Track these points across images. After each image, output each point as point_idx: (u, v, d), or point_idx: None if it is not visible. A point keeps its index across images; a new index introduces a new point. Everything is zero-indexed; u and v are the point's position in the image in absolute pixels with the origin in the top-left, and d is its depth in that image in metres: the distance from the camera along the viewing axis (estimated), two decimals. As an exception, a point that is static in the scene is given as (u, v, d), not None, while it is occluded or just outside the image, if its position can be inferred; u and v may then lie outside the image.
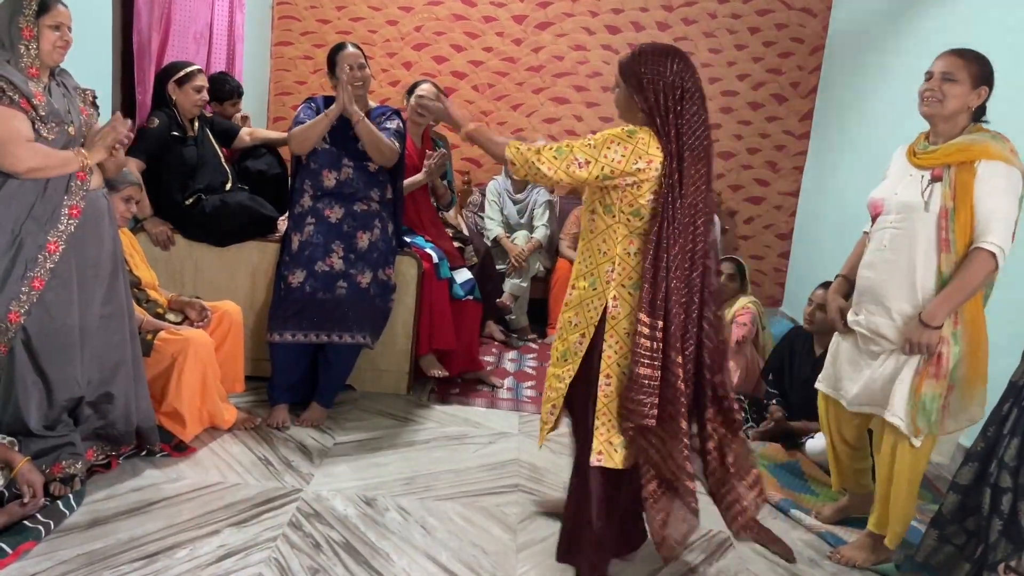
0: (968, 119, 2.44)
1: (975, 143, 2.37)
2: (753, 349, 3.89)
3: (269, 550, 2.48)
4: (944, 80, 2.41)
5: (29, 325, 2.51)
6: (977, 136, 2.39)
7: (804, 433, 3.37)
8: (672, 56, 2.21)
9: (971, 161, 2.35)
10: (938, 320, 2.37)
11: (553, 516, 2.81)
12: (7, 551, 2.28)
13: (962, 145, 2.39)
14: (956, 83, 2.40)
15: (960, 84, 2.39)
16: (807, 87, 5.60)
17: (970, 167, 2.35)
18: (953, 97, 2.39)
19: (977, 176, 2.33)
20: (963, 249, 2.36)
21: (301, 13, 5.60)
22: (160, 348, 2.98)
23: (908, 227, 2.46)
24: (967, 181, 2.34)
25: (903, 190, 2.50)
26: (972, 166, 2.35)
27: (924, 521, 2.83)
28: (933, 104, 2.43)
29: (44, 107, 2.50)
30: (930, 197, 2.42)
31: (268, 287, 3.63)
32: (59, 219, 2.53)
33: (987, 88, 2.41)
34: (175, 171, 3.49)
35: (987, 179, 2.33)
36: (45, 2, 2.51)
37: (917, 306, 2.44)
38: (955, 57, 2.42)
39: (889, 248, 2.51)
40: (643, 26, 5.57)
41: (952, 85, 2.40)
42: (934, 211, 2.40)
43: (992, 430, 2.38)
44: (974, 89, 2.40)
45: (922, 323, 2.39)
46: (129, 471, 2.87)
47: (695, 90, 2.20)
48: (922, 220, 2.43)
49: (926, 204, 2.42)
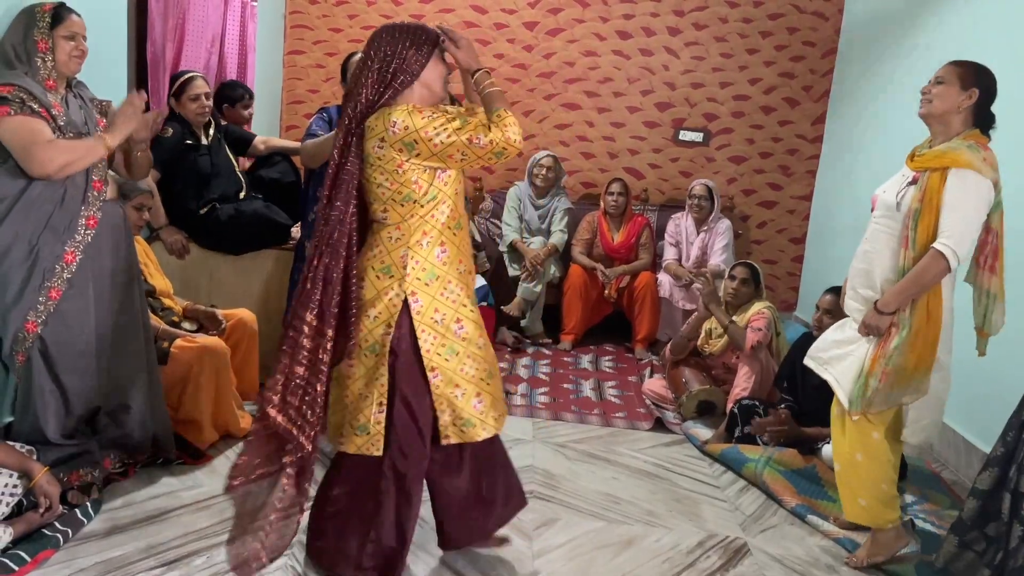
0: (963, 122, 2.51)
1: (949, 151, 2.45)
2: (768, 354, 3.87)
3: (286, 557, 2.48)
4: (935, 83, 2.53)
5: (46, 335, 2.53)
6: (954, 144, 2.47)
7: (819, 439, 3.35)
8: None
9: (943, 168, 2.44)
10: (889, 308, 2.50)
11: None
12: (26, 559, 2.29)
13: (938, 152, 2.48)
14: (944, 84, 2.50)
15: (948, 85, 2.49)
16: (819, 91, 5.58)
17: (942, 174, 2.44)
18: (940, 98, 2.50)
19: (946, 183, 2.43)
20: (922, 249, 2.45)
21: (313, 22, 5.63)
22: (176, 356, 2.99)
23: (884, 224, 2.60)
24: (936, 187, 2.43)
25: (890, 190, 2.63)
26: (943, 172, 2.44)
27: (944, 527, 2.82)
28: (924, 105, 2.55)
29: (62, 117, 2.52)
30: (902, 198, 2.53)
31: (283, 294, 3.64)
32: (76, 229, 2.55)
33: (978, 90, 2.47)
34: (189, 180, 3.52)
35: (954, 186, 2.42)
36: (58, 13, 2.53)
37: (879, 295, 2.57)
38: (950, 64, 2.54)
39: (868, 241, 2.65)
40: (654, 31, 5.57)
41: (941, 87, 2.50)
42: (903, 211, 2.52)
43: (1012, 435, 2.37)
44: (964, 90, 2.47)
45: (876, 309, 2.53)
46: (146, 479, 2.88)
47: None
48: (895, 219, 2.55)
49: (898, 204, 2.54)
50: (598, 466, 3.36)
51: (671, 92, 5.64)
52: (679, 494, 3.17)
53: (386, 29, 2.18)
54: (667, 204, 5.65)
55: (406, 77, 2.15)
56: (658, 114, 5.67)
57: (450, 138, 2.12)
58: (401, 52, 2.14)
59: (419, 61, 2.15)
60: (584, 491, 3.11)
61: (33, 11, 2.52)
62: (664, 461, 3.47)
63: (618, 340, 5.18)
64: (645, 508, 3.01)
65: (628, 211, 5.14)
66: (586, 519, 2.90)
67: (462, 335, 2.26)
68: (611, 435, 3.72)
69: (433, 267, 2.22)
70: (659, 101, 5.65)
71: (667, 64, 5.60)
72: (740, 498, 3.19)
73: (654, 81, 5.63)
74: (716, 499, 3.16)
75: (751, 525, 2.97)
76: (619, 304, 5.09)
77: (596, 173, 5.72)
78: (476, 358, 2.29)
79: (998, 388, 2.44)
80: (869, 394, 2.54)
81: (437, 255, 2.23)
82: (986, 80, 2.50)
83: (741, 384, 3.77)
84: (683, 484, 3.27)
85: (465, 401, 2.27)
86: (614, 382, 4.46)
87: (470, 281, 2.34)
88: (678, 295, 4.96)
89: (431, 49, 2.18)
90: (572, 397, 4.17)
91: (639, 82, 5.64)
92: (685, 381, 4.02)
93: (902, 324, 2.51)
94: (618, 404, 4.13)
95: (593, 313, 5.13)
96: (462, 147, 2.13)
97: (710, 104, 5.64)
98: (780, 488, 3.17)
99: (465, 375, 2.27)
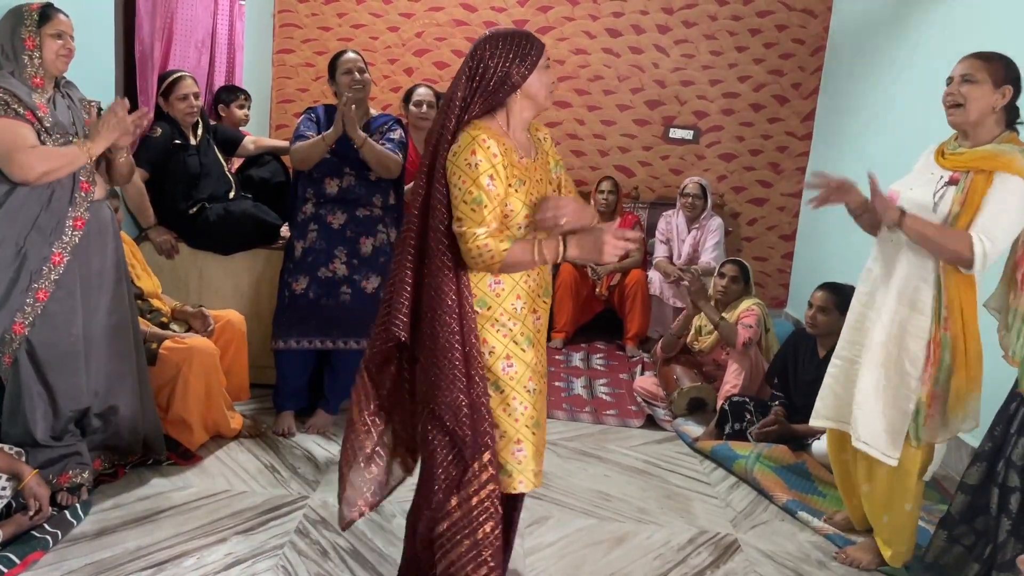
0: (1000, 123, 2.36)
1: (1002, 154, 2.30)
2: (758, 351, 3.88)
3: (276, 557, 2.48)
4: (964, 82, 2.34)
5: (33, 336, 2.52)
6: (1007, 147, 2.31)
7: (809, 435, 3.37)
8: None
9: (991, 171, 2.29)
10: (890, 220, 2.37)
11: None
12: (15, 561, 2.28)
13: (988, 153, 2.32)
14: (976, 84, 2.32)
15: (980, 85, 2.32)
16: (808, 88, 5.59)
17: (988, 176, 2.29)
18: (974, 99, 2.32)
19: (992, 186, 2.28)
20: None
21: (302, 21, 5.61)
22: (165, 357, 2.98)
23: None
24: (980, 189, 2.30)
25: (919, 187, 2.47)
26: (990, 175, 2.29)
27: (932, 522, 2.83)
28: (957, 113, 2.36)
29: (49, 119, 2.51)
30: (940, 199, 2.38)
31: (273, 294, 3.63)
32: (63, 231, 2.54)
33: (1011, 88, 2.34)
34: (178, 180, 3.51)
35: (999, 190, 2.27)
36: (46, 12, 2.53)
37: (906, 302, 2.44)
38: (974, 59, 2.36)
39: (893, 242, 2.49)
40: (643, 29, 5.57)
41: (972, 87, 2.33)
42: (942, 213, 2.37)
43: (999, 429, 2.38)
44: (996, 89, 2.32)
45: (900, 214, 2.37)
46: (136, 480, 2.87)
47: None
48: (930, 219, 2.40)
49: (935, 205, 2.39)
50: (589, 464, 3.37)
51: (661, 90, 5.64)
52: (670, 491, 3.18)
53: (489, 38, 2.02)
54: (657, 202, 5.65)
55: (508, 87, 1.99)
56: (648, 112, 5.67)
57: (456, 200, 1.97)
58: (504, 63, 1.97)
59: (522, 72, 1.98)
60: (575, 488, 3.12)
61: (21, 10, 2.52)
62: (655, 458, 3.48)
63: (609, 338, 5.19)
64: (636, 505, 3.02)
65: (618, 209, 5.15)
66: (577, 516, 2.91)
67: (510, 374, 2.07)
68: (602, 432, 3.72)
69: (484, 295, 2.05)
70: (649, 99, 5.66)
71: (657, 62, 5.61)
72: (731, 494, 3.20)
73: (644, 79, 5.63)
74: (707, 496, 3.17)
75: (742, 521, 2.98)
76: (610, 302, 5.10)
77: (587, 171, 5.72)
78: (523, 401, 2.09)
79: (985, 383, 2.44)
80: (924, 423, 2.42)
81: (490, 284, 2.05)
82: (1015, 72, 2.34)
83: (731, 381, 3.79)
84: (674, 481, 3.27)
85: (504, 444, 2.08)
86: (605, 380, 4.47)
87: (531, 321, 2.11)
88: (669, 292, 4.97)
89: (536, 59, 2.01)
90: (563, 395, 4.17)
91: (629, 80, 5.65)
92: (676, 378, 4.03)
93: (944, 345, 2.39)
94: (609, 401, 4.13)
95: (584, 311, 5.13)
96: (459, 214, 1.97)
97: (700, 102, 5.65)
98: (771, 484, 3.18)
99: (506, 417, 2.08)
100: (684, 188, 5.11)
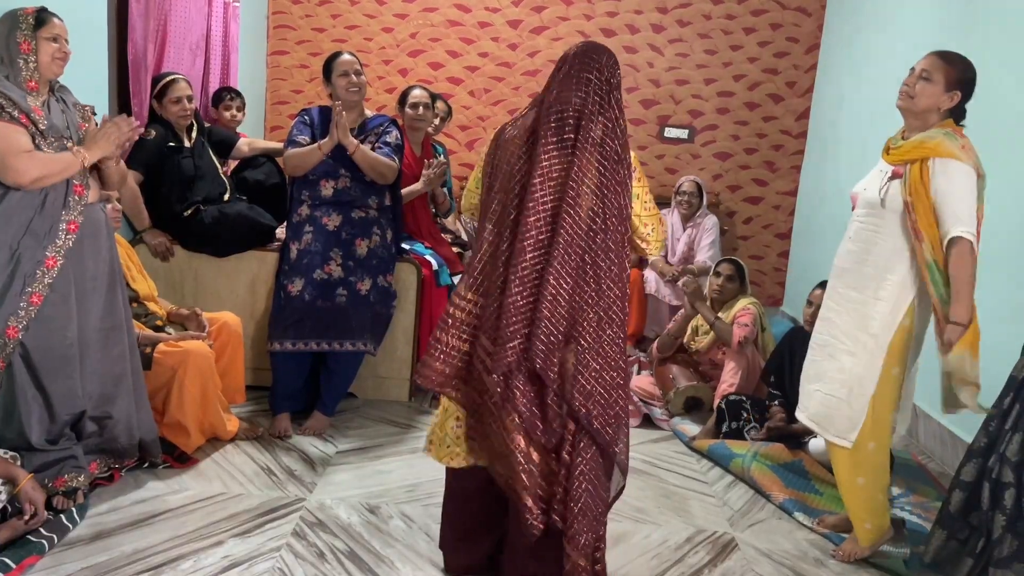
0: (939, 119, 2.49)
1: (928, 140, 2.43)
2: (754, 350, 3.89)
3: (273, 560, 2.48)
4: (920, 78, 2.47)
5: (28, 340, 2.51)
6: (932, 133, 2.45)
7: (805, 433, 3.37)
8: None
9: (924, 158, 2.41)
10: (965, 317, 2.37)
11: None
12: (11, 565, 2.27)
13: (915, 143, 2.46)
14: (930, 83, 2.45)
15: (934, 84, 2.45)
16: (803, 86, 5.60)
17: (924, 164, 2.41)
18: (924, 96, 2.46)
19: (931, 173, 2.40)
20: (933, 237, 2.40)
21: (296, 22, 5.61)
22: (160, 361, 2.97)
23: (869, 221, 2.56)
24: (918, 177, 2.41)
25: (870, 186, 2.59)
26: (925, 163, 2.41)
27: (929, 519, 2.83)
28: (905, 99, 2.50)
29: (43, 122, 2.51)
30: (886, 194, 2.50)
31: (268, 296, 3.63)
32: (57, 234, 2.54)
33: (960, 93, 2.45)
34: (173, 182, 3.50)
35: (941, 175, 2.38)
36: (41, 16, 2.53)
37: (882, 296, 2.51)
38: (936, 58, 2.49)
39: (852, 240, 2.61)
40: (638, 28, 5.58)
41: (926, 84, 2.45)
42: (891, 207, 2.48)
43: (994, 425, 2.38)
44: (947, 92, 2.45)
45: (953, 323, 2.38)
46: (132, 483, 2.87)
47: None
48: (880, 216, 2.52)
49: (882, 201, 2.51)
50: (586, 463, 3.36)
51: (656, 89, 5.64)
52: (667, 490, 3.18)
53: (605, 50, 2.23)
54: (653, 201, 5.65)
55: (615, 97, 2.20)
56: (643, 111, 5.68)
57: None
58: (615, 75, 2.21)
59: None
60: (572, 489, 3.11)
61: (15, 14, 2.52)
62: (652, 457, 3.48)
63: (606, 337, 5.17)
64: (633, 504, 3.02)
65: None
66: (575, 517, 2.90)
67: None
68: (599, 432, 3.72)
69: None
70: (644, 98, 5.66)
71: (651, 61, 5.61)
72: (728, 493, 3.20)
73: (639, 78, 5.64)
74: (704, 494, 3.17)
75: (739, 520, 2.98)
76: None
77: (582, 171, 5.71)
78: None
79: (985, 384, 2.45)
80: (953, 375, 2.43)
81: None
82: (969, 80, 2.47)
83: (728, 380, 3.79)
84: (671, 480, 3.28)
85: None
86: (602, 379, 4.45)
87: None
88: (664, 291, 4.97)
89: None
90: (560, 395, 4.16)
91: (624, 79, 5.62)
92: (672, 377, 4.03)
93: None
94: (606, 401, 4.12)
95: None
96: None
97: (695, 101, 5.65)
98: (768, 482, 3.18)
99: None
100: (679, 187, 5.11)
